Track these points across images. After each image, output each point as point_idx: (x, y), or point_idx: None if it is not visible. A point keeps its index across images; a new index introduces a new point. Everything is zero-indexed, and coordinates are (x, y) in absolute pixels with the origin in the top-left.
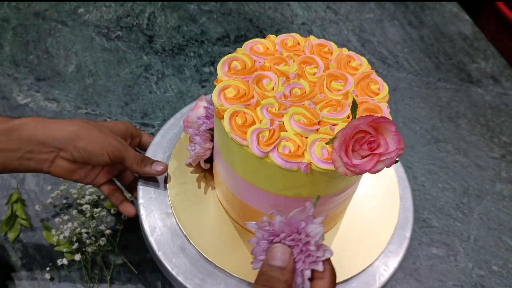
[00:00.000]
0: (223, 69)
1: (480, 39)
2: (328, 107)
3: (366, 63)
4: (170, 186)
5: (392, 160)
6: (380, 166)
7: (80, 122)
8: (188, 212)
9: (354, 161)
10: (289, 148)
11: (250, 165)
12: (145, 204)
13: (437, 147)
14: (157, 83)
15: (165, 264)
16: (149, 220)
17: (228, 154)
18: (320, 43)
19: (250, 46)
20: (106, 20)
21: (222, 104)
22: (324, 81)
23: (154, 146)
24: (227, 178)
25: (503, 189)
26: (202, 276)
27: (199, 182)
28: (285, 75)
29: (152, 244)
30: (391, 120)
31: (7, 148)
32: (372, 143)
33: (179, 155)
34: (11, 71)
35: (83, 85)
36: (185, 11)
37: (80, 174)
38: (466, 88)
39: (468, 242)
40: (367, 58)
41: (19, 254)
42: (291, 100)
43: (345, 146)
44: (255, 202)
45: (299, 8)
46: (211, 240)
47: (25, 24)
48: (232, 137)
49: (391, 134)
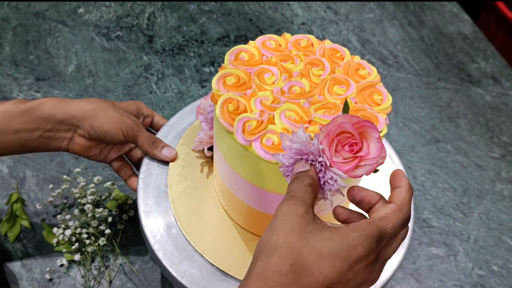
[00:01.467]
0: (230, 58)
1: (480, 39)
2: (323, 109)
3: (375, 74)
4: (171, 167)
5: (372, 167)
6: (360, 171)
7: (96, 101)
8: (189, 214)
9: (334, 159)
10: (272, 141)
11: (234, 152)
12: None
13: (437, 147)
14: (157, 83)
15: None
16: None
17: (218, 139)
18: (334, 47)
19: (262, 40)
20: (106, 20)
21: (219, 89)
22: (326, 83)
23: (167, 127)
24: (219, 164)
25: (503, 189)
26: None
27: (202, 166)
28: (289, 72)
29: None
30: (376, 127)
31: (26, 128)
32: (353, 146)
33: (189, 140)
34: (11, 71)
35: (83, 85)
36: (185, 11)
37: (95, 151)
38: (466, 88)
39: (468, 242)
40: (367, 58)
41: (19, 254)
42: (287, 97)
43: (329, 141)
44: (240, 192)
45: (299, 8)
46: (212, 240)
47: (25, 24)
48: (220, 121)
49: (374, 141)
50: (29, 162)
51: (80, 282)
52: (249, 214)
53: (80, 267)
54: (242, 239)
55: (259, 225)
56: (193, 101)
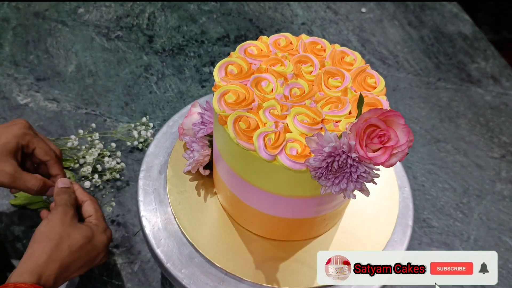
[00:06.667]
0: (220, 74)
1: (480, 39)
2: (329, 105)
3: (360, 58)
4: (170, 195)
5: (404, 152)
6: (394, 159)
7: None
8: (191, 220)
9: (369, 154)
10: (296, 149)
11: (257, 168)
12: (148, 217)
13: (437, 147)
14: (157, 83)
15: (175, 275)
16: (153, 232)
17: (231, 159)
18: (313, 40)
19: (244, 48)
20: (106, 20)
21: (224, 110)
22: (321, 78)
23: (149, 157)
24: (231, 182)
25: (503, 189)
26: (213, 284)
27: (198, 189)
28: (283, 75)
29: (159, 256)
30: (400, 114)
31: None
32: (382, 137)
33: (175, 163)
34: (11, 71)
35: (83, 85)
36: (185, 11)
37: None
38: (466, 88)
39: (468, 242)
40: (367, 58)
41: (19, 253)
42: (292, 101)
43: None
44: (262, 205)
45: (299, 8)
46: (218, 246)
47: (25, 24)
48: (238, 142)
49: (400, 127)
50: None
51: (80, 282)
52: (264, 221)
53: None
54: (243, 240)
55: (273, 229)
56: (193, 101)
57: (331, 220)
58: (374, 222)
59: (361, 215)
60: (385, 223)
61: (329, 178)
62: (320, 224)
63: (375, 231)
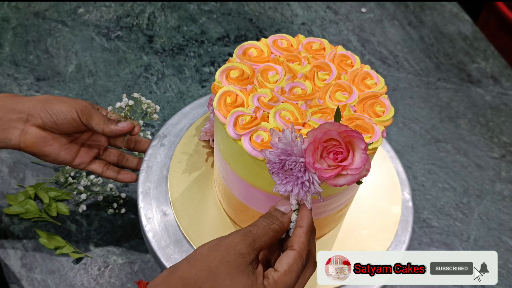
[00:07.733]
0: (238, 52)
1: (480, 39)
2: (320, 113)
3: (382, 85)
4: (171, 195)
5: (354, 177)
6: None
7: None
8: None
9: (317, 165)
10: (262, 138)
11: (226, 145)
12: (148, 217)
13: (437, 147)
14: (157, 83)
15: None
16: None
17: (216, 130)
18: (345, 54)
19: (274, 39)
20: (106, 20)
21: (221, 81)
22: (329, 89)
23: (149, 157)
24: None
25: (503, 189)
26: None
27: (198, 189)
28: (294, 72)
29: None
30: (363, 138)
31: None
32: (338, 154)
33: (176, 163)
34: (11, 71)
35: (83, 85)
36: (185, 11)
37: (53, 146)
38: (466, 88)
39: (468, 242)
40: (367, 58)
41: (19, 254)
42: (287, 97)
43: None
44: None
45: (299, 8)
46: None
47: (25, 24)
48: (216, 112)
49: (360, 151)
50: (29, 162)
51: (80, 282)
52: (238, 207)
53: (80, 268)
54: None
55: (245, 219)
56: (193, 101)
57: (332, 223)
58: (374, 222)
59: (361, 215)
60: (385, 223)
61: (280, 176)
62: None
63: (375, 231)
